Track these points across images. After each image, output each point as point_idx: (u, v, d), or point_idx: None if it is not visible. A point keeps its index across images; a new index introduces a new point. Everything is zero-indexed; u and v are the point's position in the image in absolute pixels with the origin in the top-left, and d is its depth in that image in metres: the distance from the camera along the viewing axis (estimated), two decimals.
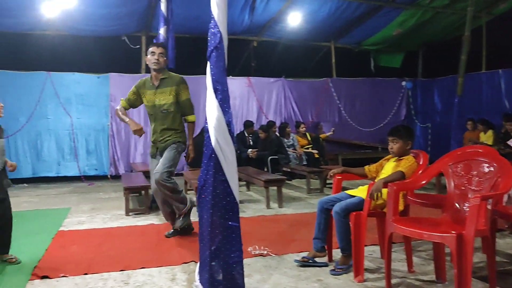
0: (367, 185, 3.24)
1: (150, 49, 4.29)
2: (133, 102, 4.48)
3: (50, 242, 4.31)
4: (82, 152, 9.42)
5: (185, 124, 4.51)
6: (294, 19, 9.86)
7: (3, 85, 8.63)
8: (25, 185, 8.70)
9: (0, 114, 3.60)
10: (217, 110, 2.64)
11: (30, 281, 3.24)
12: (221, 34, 2.64)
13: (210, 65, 2.68)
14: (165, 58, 4.32)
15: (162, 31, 6.16)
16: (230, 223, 2.62)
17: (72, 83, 9.38)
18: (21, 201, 6.82)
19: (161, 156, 4.29)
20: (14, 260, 3.61)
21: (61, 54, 9.48)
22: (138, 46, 9.96)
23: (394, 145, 3.44)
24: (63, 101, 9.24)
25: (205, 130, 2.73)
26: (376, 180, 3.28)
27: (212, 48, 2.66)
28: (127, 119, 4.41)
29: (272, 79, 10.94)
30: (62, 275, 3.34)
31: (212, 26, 2.67)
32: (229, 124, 2.66)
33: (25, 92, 8.95)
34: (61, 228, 4.96)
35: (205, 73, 2.70)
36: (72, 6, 8.12)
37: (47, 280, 3.27)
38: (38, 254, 3.87)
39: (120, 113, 4.46)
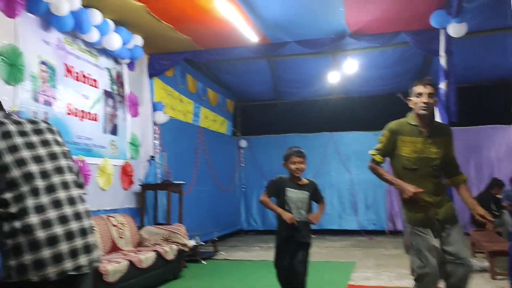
0: None
1: (416, 89, 3.34)
2: (388, 153, 3.48)
3: None
4: (361, 206, 9.92)
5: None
6: None
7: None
8: (313, 236, 9.59)
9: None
10: None
11: None
12: None
13: None
14: (435, 99, 3.35)
15: (442, 85, 6.06)
16: None
17: (351, 141, 10.18)
18: (312, 251, 7.51)
19: (442, 229, 3.24)
20: None
21: (340, 115, 10.36)
22: None
23: None
24: (343, 158, 10.06)
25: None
26: None
27: None
28: (395, 181, 3.36)
29: None
30: None
31: None
32: None
33: (311, 151, 9.98)
34: (350, 282, 5.23)
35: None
36: (353, 72, 8.86)
37: None
38: None
39: (380, 171, 3.51)
